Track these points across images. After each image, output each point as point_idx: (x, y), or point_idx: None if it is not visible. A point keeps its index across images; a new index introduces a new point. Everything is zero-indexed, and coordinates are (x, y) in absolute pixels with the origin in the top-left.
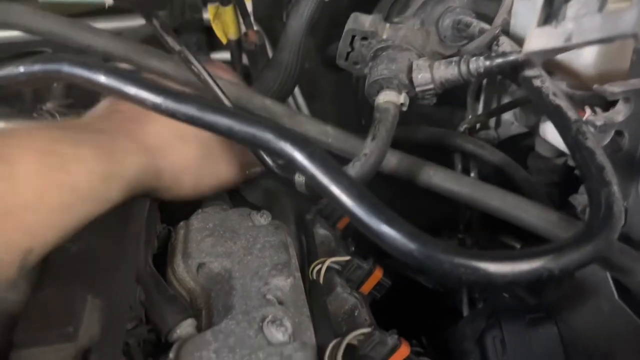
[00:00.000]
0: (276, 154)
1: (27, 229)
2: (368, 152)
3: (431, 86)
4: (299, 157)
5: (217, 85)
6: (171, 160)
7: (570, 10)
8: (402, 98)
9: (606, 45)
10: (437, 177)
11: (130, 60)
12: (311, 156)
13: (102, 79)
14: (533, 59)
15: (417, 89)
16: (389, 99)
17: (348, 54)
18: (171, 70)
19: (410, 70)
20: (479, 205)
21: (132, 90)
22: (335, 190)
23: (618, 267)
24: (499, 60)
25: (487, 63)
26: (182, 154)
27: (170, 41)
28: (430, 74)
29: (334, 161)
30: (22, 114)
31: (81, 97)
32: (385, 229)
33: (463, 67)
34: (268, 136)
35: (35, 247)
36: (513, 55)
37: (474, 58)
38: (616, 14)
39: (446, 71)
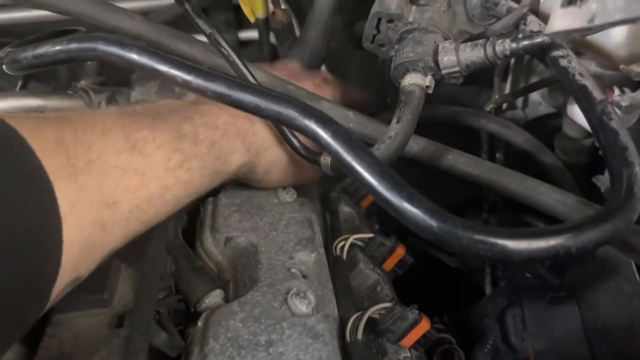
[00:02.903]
0: (301, 130)
1: (146, 219)
2: (393, 135)
3: (457, 69)
4: (323, 134)
5: (247, 68)
6: (267, 159)
7: None
8: (428, 80)
9: (637, 25)
10: (456, 162)
11: (159, 44)
12: (334, 133)
13: (135, 57)
14: (557, 40)
15: (443, 72)
16: (415, 81)
17: (374, 36)
18: (200, 54)
19: (436, 52)
20: (499, 189)
21: (164, 68)
22: (358, 167)
23: (637, 251)
24: (525, 43)
25: (514, 45)
26: (276, 153)
27: (201, 24)
28: (456, 57)
29: (357, 139)
30: (56, 92)
31: (113, 75)
32: (406, 205)
33: (489, 50)
34: (293, 114)
35: (142, 230)
36: (540, 37)
37: (500, 40)
38: None
39: (472, 54)
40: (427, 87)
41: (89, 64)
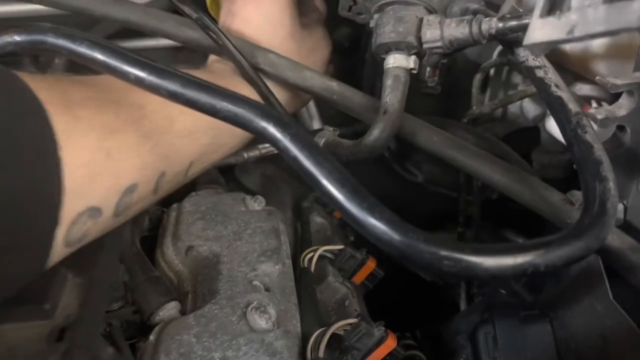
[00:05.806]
0: (258, 133)
1: (160, 152)
2: (382, 126)
3: (439, 44)
4: (281, 138)
5: (237, 49)
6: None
7: (575, 0)
8: (412, 62)
9: (616, 38)
10: (440, 143)
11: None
12: (294, 138)
13: (85, 50)
14: (534, 52)
15: (425, 46)
16: (399, 63)
17: (350, 7)
18: (193, 35)
19: (419, 28)
20: (481, 176)
21: (116, 63)
22: (317, 174)
23: (630, 266)
24: (513, 23)
25: (500, 25)
26: None
27: (187, 9)
28: (440, 31)
29: (317, 144)
30: None
31: (82, 72)
32: (366, 217)
33: (474, 27)
34: (250, 116)
35: (167, 172)
36: (527, 19)
37: (487, 18)
38: (621, 5)
39: (457, 29)
40: (412, 69)
41: (56, 61)
